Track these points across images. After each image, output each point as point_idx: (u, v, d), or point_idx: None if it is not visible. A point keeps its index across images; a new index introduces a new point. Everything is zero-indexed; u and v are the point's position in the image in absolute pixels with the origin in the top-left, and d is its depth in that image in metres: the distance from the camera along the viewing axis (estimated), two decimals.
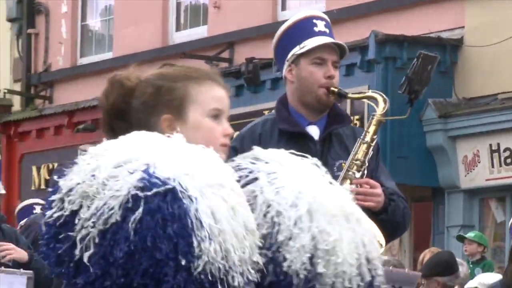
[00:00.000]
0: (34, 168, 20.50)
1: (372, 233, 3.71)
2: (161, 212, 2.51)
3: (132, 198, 2.49)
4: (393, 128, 17.58)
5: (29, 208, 12.64)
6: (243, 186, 2.95)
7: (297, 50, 5.61)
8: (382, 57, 17.66)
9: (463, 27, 17.03)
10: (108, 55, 20.81)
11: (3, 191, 9.86)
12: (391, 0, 18.34)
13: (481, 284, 11.77)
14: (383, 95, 5.72)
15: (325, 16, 5.78)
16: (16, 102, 21.24)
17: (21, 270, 9.12)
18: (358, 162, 5.49)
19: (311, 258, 2.81)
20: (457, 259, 12.87)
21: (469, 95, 17.40)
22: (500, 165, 18.31)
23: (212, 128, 2.84)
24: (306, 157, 3.58)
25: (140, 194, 2.51)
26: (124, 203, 2.49)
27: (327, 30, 5.76)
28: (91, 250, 2.46)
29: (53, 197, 2.49)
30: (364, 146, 5.54)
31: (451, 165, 18.47)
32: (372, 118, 5.67)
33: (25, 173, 20.14)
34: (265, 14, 19.06)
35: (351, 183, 5.39)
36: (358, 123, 15.49)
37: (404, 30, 17.80)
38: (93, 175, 2.56)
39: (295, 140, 5.61)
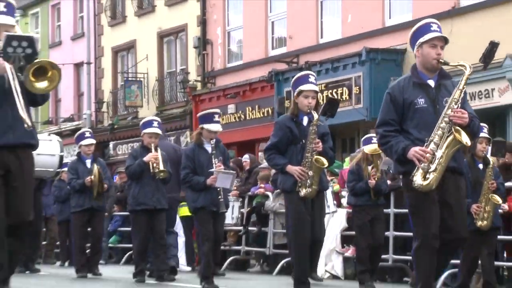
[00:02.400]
0: None
1: None
2: None
3: None
4: None
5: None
6: None
7: (422, 39, 5.65)
8: None
9: (406, 42, 13.14)
10: (240, 62, 21.45)
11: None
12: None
13: None
14: (469, 64, 5.75)
15: (437, 22, 5.77)
16: (199, 85, 22.11)
17: (231, 170, 8.89)
18: (455, 99, 5.50)
19: None
20: None
21: None
22: None
23: None
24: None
25: None
26: None
27: (438, 29, 5.69)
28: None
29: None
30: (458, 92, 5.53)
31: None
32: (463, 76, 5.58)
33: None
34: (311, 41, 19.14)
35: (451, 111, 5.42)
36: None
37: None
38: None
39: (422, 87, 5.68)
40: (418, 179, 5.35)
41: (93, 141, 11.23)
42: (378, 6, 17.34)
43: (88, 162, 10.75)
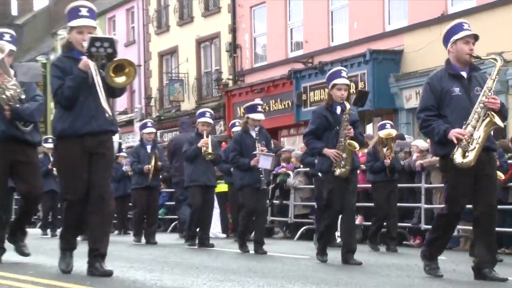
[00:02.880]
0: (238, 109, 19.63)
1: None
2: None
3: None
4: None
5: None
6: None
7: (456, 37, 5.37)
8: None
9: (403, 44, 16.22)
10: (264, 63, 21.03)
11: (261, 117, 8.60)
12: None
13: None
14: (501, 57, 5.69)
15: (467, 22, 5.48)
16: (230, 83, 21.82)
17: (270, 153, 8.56)
18: (489, 87, 5.25)
19: None
20: None
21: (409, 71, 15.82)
22: None
23: None
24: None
25: None
26: None
27: (469, 28, 5.42)
28: None
29: None
30: (491, 81, 5.29)
31: None
32: (495, 67, 5.31)
33: (234, 112, 20.27)
34: (323, 44, 18.49)
35: (486, 98, 5.18)
36: None
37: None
38: None
39: (456, 78, 5.40)
40: (458, 157, 5.18)
41: (153, 129, 11.19)
42: (379, 14, 17.04)
43: (149, 148, 10.75)
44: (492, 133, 7.61)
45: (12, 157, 5.84)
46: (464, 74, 5.42)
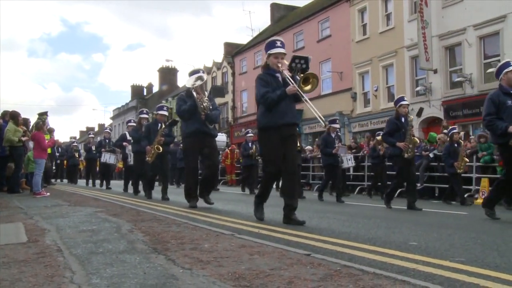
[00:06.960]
0: (236, 133, 23.01)
1: None
2: None
3: None
4: None
5: None
6: None
7: (506, 70, 5.01)
8: None
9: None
10: (246, 114, 24.05)
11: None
12: None
13: None
14: None
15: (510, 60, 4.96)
16: (232, 122, 24.23)
17: (345, 146, 7.84)
18: None
19: None
20: None
21: None
22: None
23: None
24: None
25: None
26: None
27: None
28: None
29: None
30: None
31: None
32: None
33: (234, 134, 22.03)
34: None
35: None
36: None
37: None
38: None
39: (508, 95, 5.01)
40: None
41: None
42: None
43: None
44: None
45: (201, 144, 6.00)
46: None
